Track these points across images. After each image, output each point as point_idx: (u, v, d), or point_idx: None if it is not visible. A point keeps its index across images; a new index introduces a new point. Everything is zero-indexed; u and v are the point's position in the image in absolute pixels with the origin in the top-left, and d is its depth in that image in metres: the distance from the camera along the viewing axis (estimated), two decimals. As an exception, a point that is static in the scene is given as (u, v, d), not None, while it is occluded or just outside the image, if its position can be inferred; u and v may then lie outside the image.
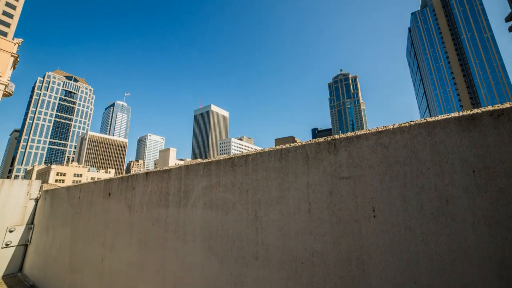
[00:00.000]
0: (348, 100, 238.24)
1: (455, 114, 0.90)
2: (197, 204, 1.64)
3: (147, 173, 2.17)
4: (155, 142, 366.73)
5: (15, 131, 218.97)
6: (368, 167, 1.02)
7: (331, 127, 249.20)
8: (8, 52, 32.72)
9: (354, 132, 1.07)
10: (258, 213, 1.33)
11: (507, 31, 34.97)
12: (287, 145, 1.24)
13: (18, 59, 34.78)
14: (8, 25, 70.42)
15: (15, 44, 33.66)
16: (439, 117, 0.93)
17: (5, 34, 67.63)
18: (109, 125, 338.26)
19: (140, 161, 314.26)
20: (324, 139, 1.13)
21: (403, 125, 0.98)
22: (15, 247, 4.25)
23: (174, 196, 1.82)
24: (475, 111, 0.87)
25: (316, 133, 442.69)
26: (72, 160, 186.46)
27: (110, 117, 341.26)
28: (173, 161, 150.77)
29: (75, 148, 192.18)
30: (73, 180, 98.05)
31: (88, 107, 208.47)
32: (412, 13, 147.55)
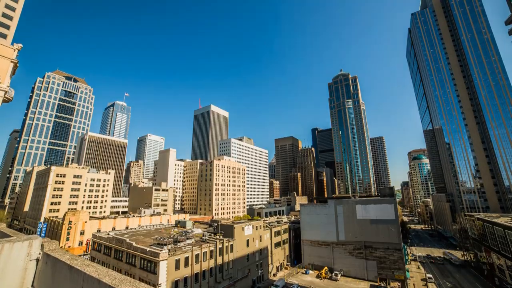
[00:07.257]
0: (348, 100, 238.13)
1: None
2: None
3: None
4: (155, 142, 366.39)
5: (15, 131, 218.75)
6: None
7: (331, 127, 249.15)
8: (8, 58, 32.70)
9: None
10: None
11: (507, 32, 35.06)
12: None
13: (17, 65, 34.77)
14: (7, 27, 70.19)
15: (14, 50, 33.59)
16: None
17: (4, 36, 67.42)
18: (109, 126, 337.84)
19: (140, 162, 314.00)
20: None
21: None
22: None
23: None
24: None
25: (316, 133, 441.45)
26: (72, 161, 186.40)
27: (110, 118, 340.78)
28: (173, 162, 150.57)
29: (74, 148, 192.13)
30: (73, 182, 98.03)
31: (87, 107, 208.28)
32: (412, 14, 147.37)
